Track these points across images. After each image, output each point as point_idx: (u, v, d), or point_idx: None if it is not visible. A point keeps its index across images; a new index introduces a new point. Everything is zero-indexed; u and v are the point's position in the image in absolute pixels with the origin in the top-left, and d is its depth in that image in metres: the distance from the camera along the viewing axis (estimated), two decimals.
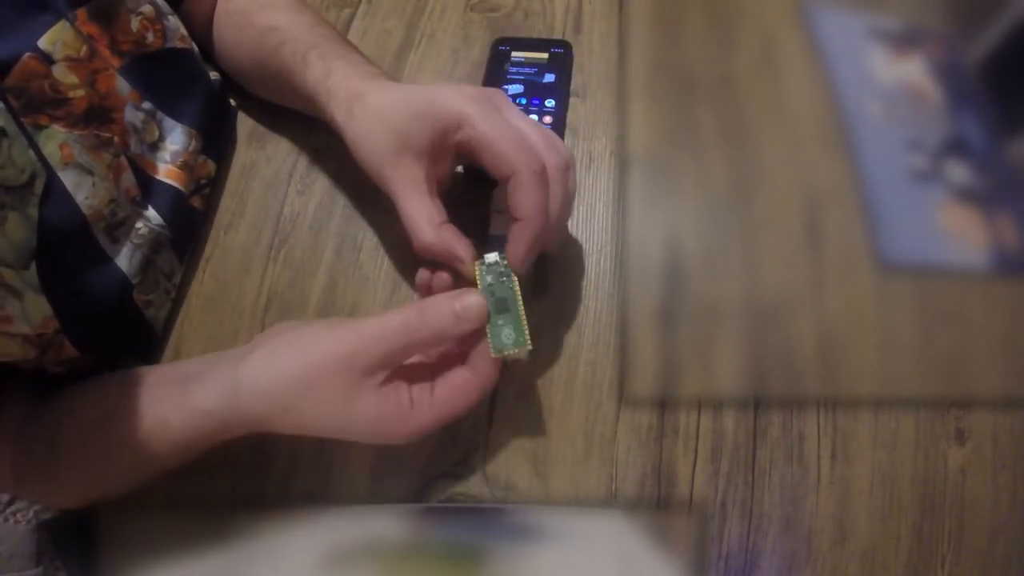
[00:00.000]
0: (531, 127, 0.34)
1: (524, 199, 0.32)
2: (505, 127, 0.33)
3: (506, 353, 0.32)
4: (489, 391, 0.33)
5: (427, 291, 0.35)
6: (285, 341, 0.32)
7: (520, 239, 0.33)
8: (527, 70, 0.48)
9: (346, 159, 0.46)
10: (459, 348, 0.34)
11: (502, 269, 0.33)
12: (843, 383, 0.39)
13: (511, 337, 0.32)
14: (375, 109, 0.35)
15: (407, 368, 0.33)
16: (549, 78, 0.47)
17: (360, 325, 0.31)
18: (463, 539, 0.35)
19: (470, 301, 0.32)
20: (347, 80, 0.37)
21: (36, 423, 0.35)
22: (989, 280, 0.42)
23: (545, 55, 0.48)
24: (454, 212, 0.38)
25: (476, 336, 0.33)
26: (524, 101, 0.46)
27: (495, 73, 0.48)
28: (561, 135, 0.45)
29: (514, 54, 0.48)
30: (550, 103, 0.46)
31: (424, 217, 0.34)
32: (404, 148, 0.34)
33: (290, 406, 0.31)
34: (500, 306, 0.32)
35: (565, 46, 0.49)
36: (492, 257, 0.33)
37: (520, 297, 0.33)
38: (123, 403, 0.33)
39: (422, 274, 0.35)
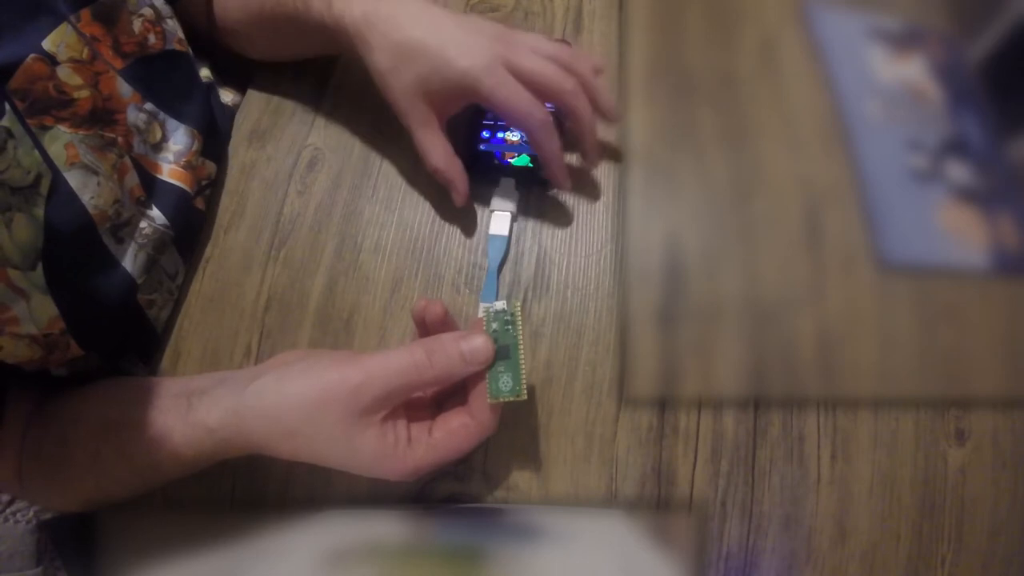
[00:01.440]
0: (540, 68, 0.38)
1: (540, 148, 0.39)
2: (511, 91, 0.37)
3: (501, 399, 0.33)
4: (487, 436, 0.34)
5: (420, 320, 0.36)
6: (295, 369, 0.33)
7: (551, 171, 0.41)
8: None
9: (346, 159, 0.46)
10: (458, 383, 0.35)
11: (508, 318, 0.33)
12: (843, 383, 0.39)
13: (508, 385, 0.33)
14: (391, 43, 0.38)
15: (408, 403, 0.33)
16: None
17: (369, 361, 0.32)
18: (463, 539, 0.35)
19: (477, 343, 0.32)
20: (349, 6, 0.38)
21: (43, 426, 0.35)
22: (989, 280, 0.42)
23: None
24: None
25: (477, 376, 0.33)
26: None
27: None
28: (562, 134, 0.44)
29: None
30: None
31: (435, 148, 0.40)
32: (422, 92, 0.38)
33: (293, 430, 0.31)
34: (502, 353, 0.33)
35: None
36: (499, 305, 0.34)
37: (522, 346, 0.33)
38: (130, 411, 0.33)
39: (417, 304, 0.36)
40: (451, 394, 0.36)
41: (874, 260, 0.41)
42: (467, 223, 0.43)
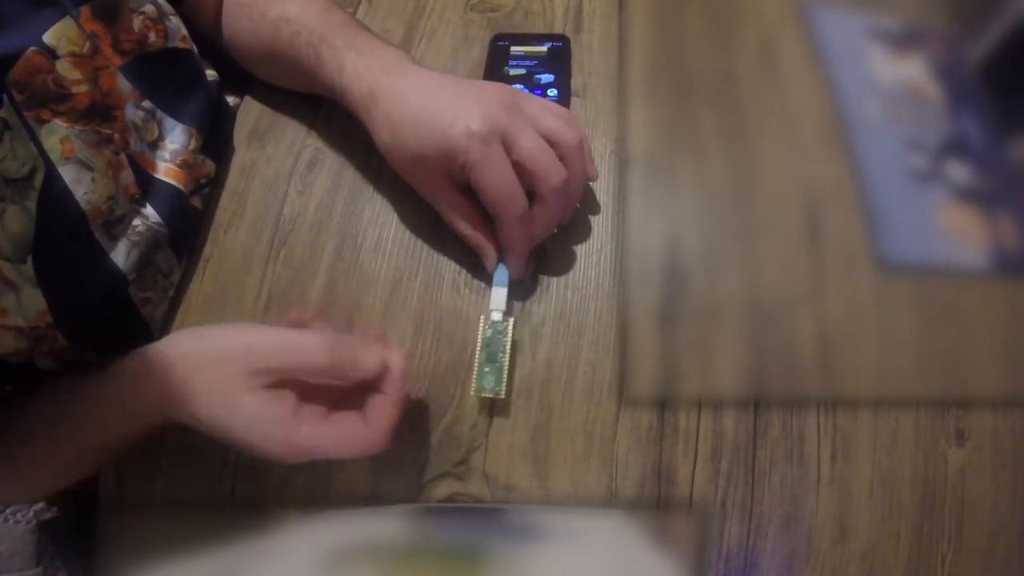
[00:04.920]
0: (538, 152, 0.36)
1: (505, 237, 0.38)
2: (496, 172, 0.35)
3: (484, 394, 0.37)
4: (376, 451, 0.33)
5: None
6: (209, 328, 0.35)
7: (509, 259, 0.39)
8: (527, 63, 0.48)
9: (346, 159, 0.46)
10: (358, 392, 0.35)
11: (501, 328, 0.38)
12: (843, 383, 0.39)
13: (490, 383, 0.37)
14: (391, 120, 0.37)
15: (308, 387, 0.33)
16: (550, 71, 0.47)
17: (269, 331, 0.34)
18: (463, 539, 0.35)
19: (371, 356, 0.33)
20: (359, 78, 0.38)
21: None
22: (989, 280, 0.42)
23: (544, 48, 0.48)
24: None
25: (378, 389, 0.34)
26: (527, 90, 0.46)
27: (495, 68, 0.48)
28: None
29: (513, 48, 0.49)
30: (552, 92, 0.46)
31: (456, 217, 0.39)
32: (423, 162, 0.37)
33: (186, 379, 0.32)
34: (491, 358, 0.37)
35: (563, 39, 0.49)
36: (496, 315, 0.38)
37: (509, 354, 0.37)
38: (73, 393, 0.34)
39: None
40: (348, 399, 0.35)
41: (874, 260, 0.41)
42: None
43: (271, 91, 0.49)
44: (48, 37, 0.33)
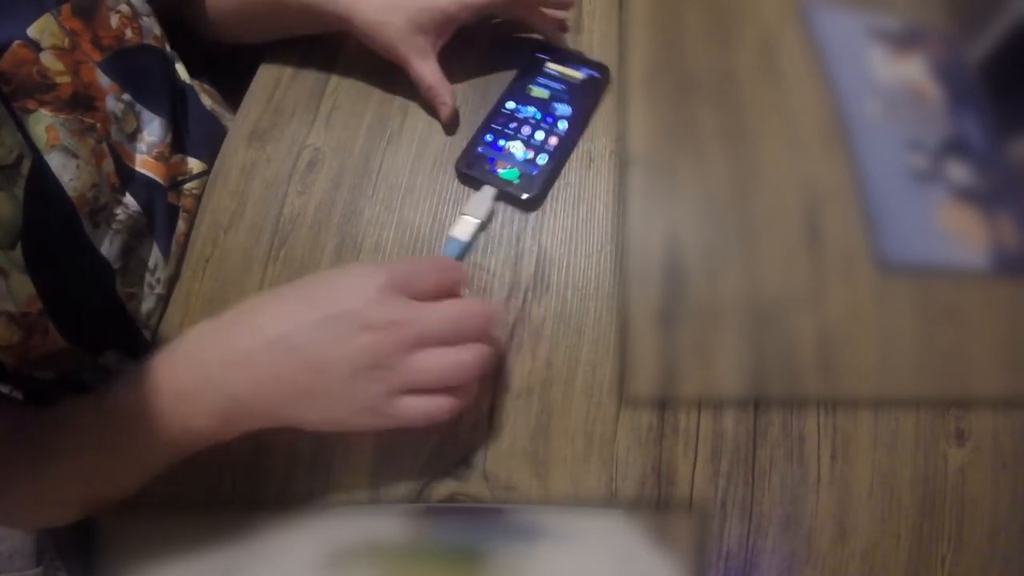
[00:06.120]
0: None
1: None
2: None
3: None
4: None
5: None
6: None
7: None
8: (554, 85, 0.47)
9: (346, 159, 0.46)
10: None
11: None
12: (843, 383, 0.39)
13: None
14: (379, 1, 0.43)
15: None
16: (571, 104, 0.46)
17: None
18: (463, 539, 0.35)
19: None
20: None
21: (32, 428, 0.35)
22: (989, 280, 0.42)
23: (580, 75, 0.48)
24: None
25: None
26: (539, 116, 0.46)
27: (521, 82, 0.47)
28: (564, 159, 0.45)
29: (548, 66, 0.48)
30: (562, 126, 0.45)
31: (432, 72, 0.45)
32: (417, 29, 0.43)
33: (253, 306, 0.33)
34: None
35: (603, 70, 0.48)
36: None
37: None
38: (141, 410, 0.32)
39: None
40: None
41: (874, 260, 0.41)
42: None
43: (271, 91, 0.49)
44: (32, 31, 0.34)
